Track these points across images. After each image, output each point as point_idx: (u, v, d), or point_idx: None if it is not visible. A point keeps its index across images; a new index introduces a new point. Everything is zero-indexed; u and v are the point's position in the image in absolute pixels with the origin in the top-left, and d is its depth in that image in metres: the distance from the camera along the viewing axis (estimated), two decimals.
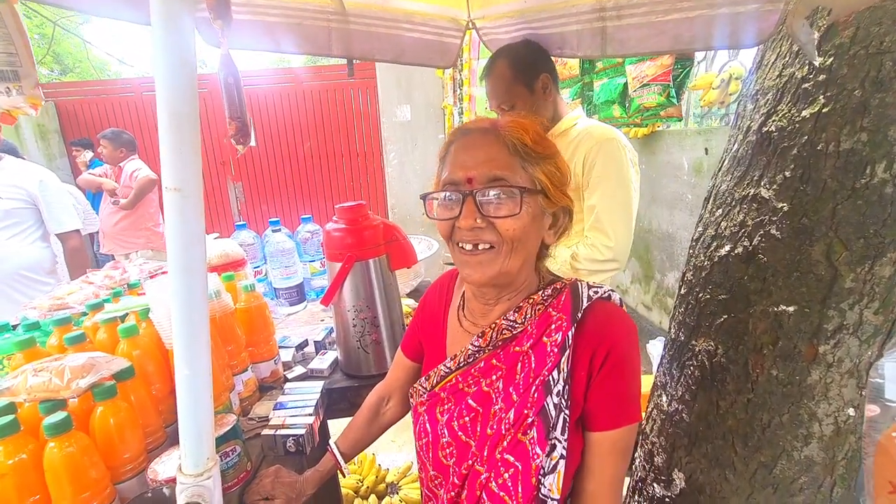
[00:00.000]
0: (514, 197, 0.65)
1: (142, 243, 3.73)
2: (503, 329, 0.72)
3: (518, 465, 0.66)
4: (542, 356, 0.68)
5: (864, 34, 0.82)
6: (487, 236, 0.67)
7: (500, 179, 0.66)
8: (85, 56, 10.01)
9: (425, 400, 0.80)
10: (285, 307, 1.81)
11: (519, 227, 0.66)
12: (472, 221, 0.66)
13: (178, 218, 0.47)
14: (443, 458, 0.75)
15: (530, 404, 0.67)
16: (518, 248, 0.68)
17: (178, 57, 0.44)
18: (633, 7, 1.17)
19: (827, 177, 0.85)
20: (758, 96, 1.02)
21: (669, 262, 3.24)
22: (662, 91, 2.55)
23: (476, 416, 0.72)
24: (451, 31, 1.56)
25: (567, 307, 0.69)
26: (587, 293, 0.70)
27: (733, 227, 1.01)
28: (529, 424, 0.66)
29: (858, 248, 0.82)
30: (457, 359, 0.76)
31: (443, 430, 0.75)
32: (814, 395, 0.88)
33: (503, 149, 0.67)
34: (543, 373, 0.67)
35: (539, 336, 0.69)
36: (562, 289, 0.72)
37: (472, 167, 0.67)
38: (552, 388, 0.65)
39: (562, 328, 0.67)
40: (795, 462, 0.91)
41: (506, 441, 0.68)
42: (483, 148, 0.68)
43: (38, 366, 0.79)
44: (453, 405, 0.75)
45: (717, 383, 1.02)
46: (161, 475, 0.79)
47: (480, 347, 0.74)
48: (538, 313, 0.71)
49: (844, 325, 0.84)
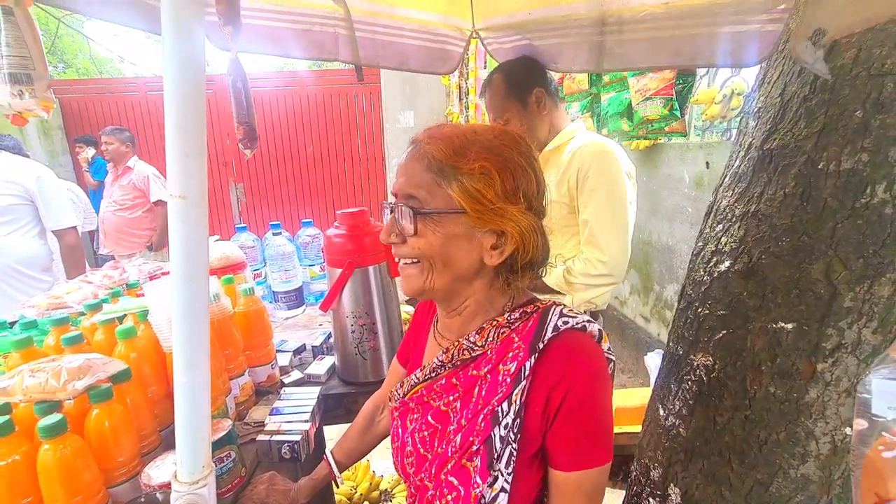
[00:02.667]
0: (410, 217, 0.64)
1: (143, 244, 3.72)
2: (463, 349, 0.70)
3: (460, 489, 0.64)
4: (494, 385, 0.65)
5: (867, 56, 0.82)
6: (403, 251, 0.67)
7: (411, 198, 0.65)
8: (87, 52, 10.06)
9: (398, 406, 0.80)
10: (284, 311, 1.80)
11: (424, 245, 0.64)
12: (387, 236, 0.68)
13: (183, 225, 0.47)
14: (407, 465, 0.76)
15: (476, 432, 0.64)
16: (439, 267, 0.66)
17: (188, 66, 0.44)
18: (636, 22, 1.18)
19: (827, 195, 0.86)
20: (760, 113, 1.03)
21: (669, 274, 3.24)
22: (665, 104, 2.56)
23: (434, 433, 0.72)
24: (454, 40, 1.57)
25: (529, 335, 0.65)
26: (556, 322, 0.65)
27: (733, 242, 1.02)
28: (475, 452, 0.64)
29: (858, 267, 0.82)
30: (424, 370, 0.75)
31: (408, 439, 0.76)
32: (811, 413, 0.88)
33: (419, 165, 0.65)
34: (493, 402, 0.64)
35: (497, 363, 0.67)
36: (532, 313, 0.68)
37: (398, 182, 0.67)
38: (500, 419, 0.63)
39: (518, 357, 0.64)
40: (792, 480, 0.91)
41: (450, 464, 0.66)
42: (409, 162, 0.67)
43: (34, 366, 0.79)
44: (420, 416, 0.75)
45: (714, 399, 1.02)
46: (155, 480, 0.79)
47: (443, 363, 0.72)
48: (501, 337, 0.68)
49: (843, 343, 0.85)
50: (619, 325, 3.81)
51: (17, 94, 0.74)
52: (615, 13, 1.19)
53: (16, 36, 0.72)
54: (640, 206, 3.49)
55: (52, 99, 0.80)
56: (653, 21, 1.14)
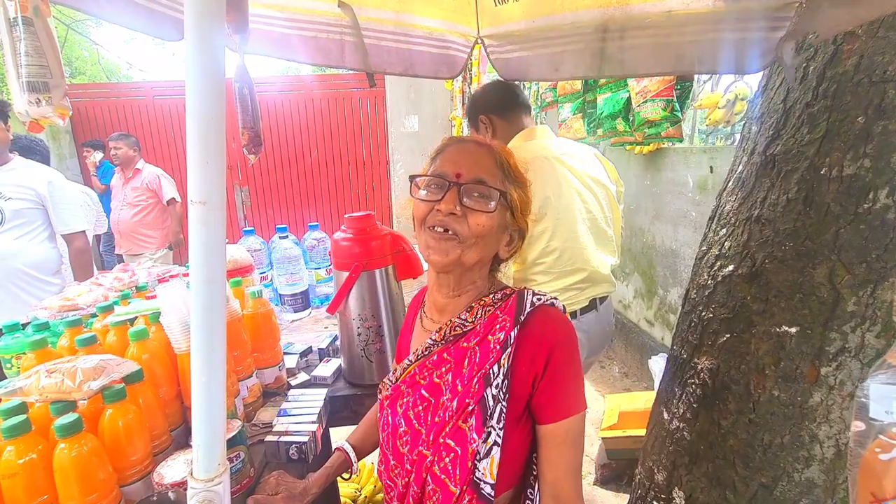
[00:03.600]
0: (492, 197, 0.74)
1: (157, 242, 3.84)
2: (455, 326, 0.80)
3: (458, 449, 0.73)
4: (485, 352, 0.76)
5: (868, 63, 0.84)
6: (458, 226, 0.74)
7: (484, 182, 0.75)
8: (96, 59, 10.18)
9: (390, 394, 0.86)
10: (290, 313, 1.82)
11: (487, 224, 0.74)
12: (452, 207, 0.73)
13: (203, 230, 0.48)
14: (400, 446, 0.81)
15: (472, 394, 0.74)
16: (478, 245, 0.75)
17: (209, 77, 0.46)
18: (638, 29, 1.19)
19: (830, 200, 0.87)
20: (763, 118, 1.04)
21: (672, 278, 3.24)
22: (666, 106, 2.57)
23: (428, 406, 0.79)
24: (459, 46, 1.59)
25: (511, 310, 0.77)
26: (531, 299, 0.78)
27: (737, 246, 1.03)
28: (470, 412, 0.73)
29: (861, 272, 0.83)
30: (416, 353, 0.83)
31: (400, 421, 0.82)
32: (815, 416, 0.89)
33: (492, 160, 0.77)
34: (486, 367, 0.74)
35: (485, 334, 0.77)
36: (510, 294, 0.80)
37: (463, 165, 0.76)
38: (492, 380, 0.73)
39: (505, 328, 0.75)
40: (796, 484, 0.92)
41: (448, 427, 0.74)
42: (475, 154, 0.78)
43: (50, 367, 0.81)
44: (411, 397, 0.82)
45: (718, 402, 1.02)
46: (167, 479, 0.80)
47: (435, 342, 0.81)
48: (487, 314, 0.79)
49: (846, 347, 0.85)
50: (623, 329, 3.80)
51: (34, 102, 0.76)
52: (618, 21, 1.20)
53: (35, 46, 0.75)
54: (644, 209, 3.49)
55: (67, 106, 0.82)
56: (655, 28, 1.15)
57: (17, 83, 0.80)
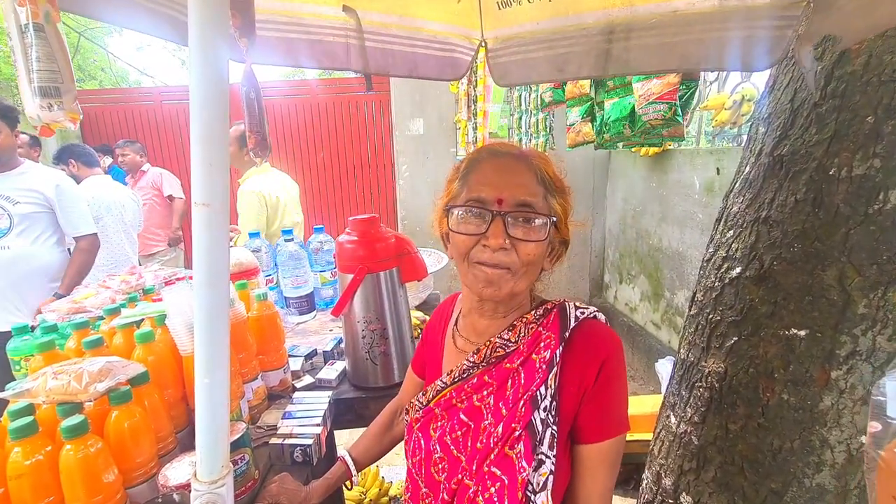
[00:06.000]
0: (542, 225, 0.68)
1: (164, 240, 3.95)
2: (497, 347, 0.74)
3: (504, 478, 0.67)
4: (531, 372, 0.70)
5: (877, 62, 0.83)
6: (508, 259, 0.68)
7: (528, 206, 0.68)
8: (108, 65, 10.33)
9: (420, 416, 0.81)
10: (295, 316, 1.82)
11: (538, 252, 0.69)
12: (501, 241, 0.66)
13: (206, 232, 0.49)
14: (435, 473, 0.76)
15: (518, 418, 0.68)
16: (529, 272, 0.70)
17: (212, 80, 0.46)
18: (644, 29, 1.18)
19: (839, 201, 0.85)
20: (770, 119, 1.03)
21: (679, 280, 3.22)
22: (668, 109, 2.56)
23: (467, 431, 0.74)
24: (463, 48, 1.59)
25: (555, 326, 0.72)
26: (574, 313, 0.73)
27: (744, 248, 1.02)
28: (517, 438, 0.67)
29: (872, 274, 0.82)
30: (452, 374, 0.78)
31: (435, 446, 0.76)
32: (826, 421, 0.87)
33: (532, 177, 0.70)
34: (532, 388, 0.69)
35: (529, 354, 0.72)
36: (552, 309, 0.75)
37: (504, 188, 0.68)
38: (539, 402, 0.68)
39: (550, 346, 0.70)
40: (807, 490, 0.90)
41: (493, 454, 0.69)
42: (515, 173, 0.70)
43: (57, 368, 0.81)
44: (446, 421, 0.77)
45: (726, 406, 1.01)
46: (172, 481, 0.80)
47: (475, 364, 0.75)
48: (530, 332, 0.74)
49: (857, 350, 0.84)
50: (630, 332, 3.77)
51: (46, 107, 0.77)
52: (623, 21, 1.20)
53: (46, 51, 0.76)
54: (651, 211, 3.46)
55: (78, 111, 0.83)
56: (661, 27, 1.14)
57: (28, 88, 0.81)
